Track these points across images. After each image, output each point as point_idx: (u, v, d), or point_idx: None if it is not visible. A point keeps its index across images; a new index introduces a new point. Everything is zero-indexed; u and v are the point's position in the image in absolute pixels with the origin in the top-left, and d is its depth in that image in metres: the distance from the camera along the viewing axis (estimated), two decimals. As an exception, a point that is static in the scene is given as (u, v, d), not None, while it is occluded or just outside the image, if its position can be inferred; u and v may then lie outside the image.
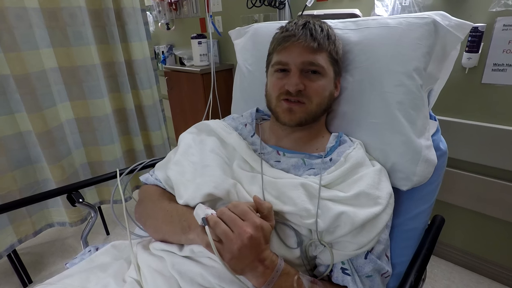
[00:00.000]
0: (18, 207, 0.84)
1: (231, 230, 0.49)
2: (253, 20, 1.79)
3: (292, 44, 0.65)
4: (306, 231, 0.58)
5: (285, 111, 0.67)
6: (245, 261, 0.50)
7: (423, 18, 0.67)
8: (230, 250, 0.48)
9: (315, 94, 0.66)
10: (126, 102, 1.54)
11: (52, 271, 1.52)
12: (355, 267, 0.57)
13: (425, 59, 0.67)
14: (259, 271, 0.51)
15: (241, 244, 0.48)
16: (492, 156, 1.14)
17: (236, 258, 0.49)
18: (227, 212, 0.51)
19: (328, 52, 0.66)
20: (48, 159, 1.30)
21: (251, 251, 0.49)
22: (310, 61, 0.64)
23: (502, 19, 1.01)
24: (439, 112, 1.22)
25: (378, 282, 0.59)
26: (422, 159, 0.64)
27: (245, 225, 0.49)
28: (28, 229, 1.35)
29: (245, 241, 0.48)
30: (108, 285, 0.59)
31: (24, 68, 1.17)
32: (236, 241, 0.48)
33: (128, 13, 1.45)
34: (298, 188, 0.59)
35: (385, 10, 1.23)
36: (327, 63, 0.66)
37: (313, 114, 0.67)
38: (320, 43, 0.64)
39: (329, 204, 0.57)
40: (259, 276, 0.51)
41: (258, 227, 0.50)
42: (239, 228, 0.49)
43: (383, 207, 0.57)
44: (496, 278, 1.30)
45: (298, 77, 0.64)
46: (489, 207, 1.21)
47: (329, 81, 0.68)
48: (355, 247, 0.55)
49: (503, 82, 1.07)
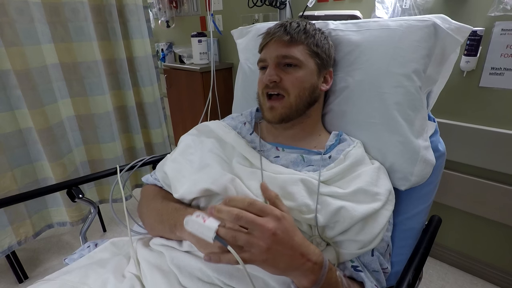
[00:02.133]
0: (17, 201, 0.84)
1: (251, 233, 0.44)
2: (253, 19, 1.80)
3: (269, 42, 0.70)
4: (306, 227, 0.59)
5: (267, 109, 0.70)
6: (282, 259, 0.45)
7: (423, 21, 0.68)
8: (259, 255, 0.44)
9: (291, 86, 0.67)
10: (127, 100, 1.54)
11: (48, 267, 1.51)
12: (363, 263, 0.59)
13: (424, 61, 0.68)
14: (307, 268, 0.47)
15: (268, 243, 0.43)
16: (488, 159, 1.16)
17: (270, 260, 0.44)
18: (245, 214, 0.44)
19: (306, 44, 0.68)
20: (49, 157, 1.29)
21: (283, 246, 0.45)
22: (283, 55, 0.67)
23: (501, 23, 1.03)
24: (437, 114, 1.23)
25: (383, 276, 0.61)
26: (420, 159, 0.65)
27: (266, 222, 0.44)
28: (28, 231, 1.33)
29: (270, 238, 0.43)
30: (108, 280, 0.59)
31: (25, 63, 1.16)
32: (261, 242, 0.43)
33: (130, 9, 1.44)
34: (297, 183, 0.60)
35: (385, 12, 1.24)
36: (304, 55, 0.68)
37: (295, 107, 0.68)
38: (292, 36, 0.67)
39: (329, 199, 0.58)
40: (309, 274, 0.48)
41: (280, 219, 0.45)
42: (261, 227, 0.43)
43: (382, 203, 0.58)
44: (489, 279, 1.31)
45: (273, 69, 0.67)
46: (484, 209, 1.22)
47: (308, 73, 0.68)
48: (359, 245, 0.57)
49: (501, 86, 1.08)
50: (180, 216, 0.60)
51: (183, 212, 0.61)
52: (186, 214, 0.59)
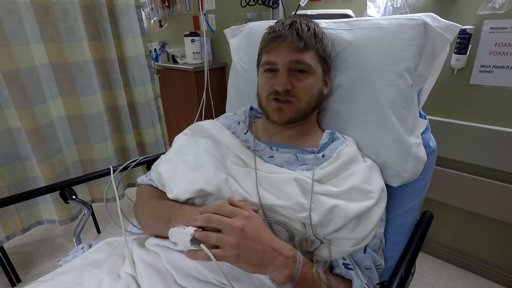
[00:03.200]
0: (9, 204, 0.82)
1: (223, 232, 0.49)
2: (246, 18, 1.79)
3: (279, 45, 0.66)
4: (300, 225, 0.59)
5: (274, 110, 0.68)
6: (254, 254, 0.49)
7: (413, 19, 0.69)
8: (230, 250, 0.48)
9: (303, 93, 0.67)
10: (118, 100, 1.53)
11: (41, 271, 1.49)
12: (355, 261, 0.59)
13: (415, 59, 0.68)
14: (279, 262, 0.50)
15: (237, 239, 0.48)
16: (479, 155, 1.18)
17: (242, 255, 0.48)
18: (213, 216, 0.51)
19: (315, 50, 0.67)
20: (38, 157, 1.28)
21: (252, 241, 0.49)
22: (297, 60, 0.65)
23: (489, 22, 1.04)
24: (428, 111, 1.24)
25: (375, 273, 0.61)
26: (412, 156, 0.66)
27: (233, 221, 0.49)
28: (16, 226, 1.34)
29: (239, 234, 0.48)
30: (103, 281, 0.59)
31: (13, 64, 1.15)
32: (231, 238, 0.48)
33: (121, 9, 1.43)
34: (291, 182, 0.60)
35: (377, 11, 1.25)
36: (314, 61, 0.67)
37: (303, 112, 0.69)
38: (306, 42, 0.65)
39: (322, 198, 0.58)
40: (282, 268, 0.50)
41: (248, 217, 0.51)
42: (229, 225, 0.49)
43: (375, 201, 0.59)
44: (482, 274, 1.34)
45: (286, 77, 0.65)
46: (476, 205, 1.24)
47: (317, 79, 0.69)
48: (352, 243, 0.57)
49: (490, 84, 1.10)
50: (175, 211, 0.61)
51: (178, 209, 0.62)
52: (182, 210, 0.61)
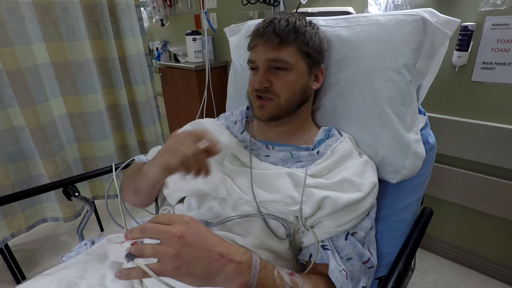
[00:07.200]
0: (13, 200, 0.84)
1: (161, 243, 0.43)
2: (247, 17, 1.80)
3: (258, 43, 0.66)
4: (293, 218, 0.60)
5: (257, 107, 0.69)
6: (197, 263, 0.42)
7: (412, 15, 0.69)
8: (169, 262, 0.41)
9: (282, 90, 0.66)
10: (119, 98, 1.54)
11: (46, 268, 1.50)
12: (336, 248, 0.58)
13: (414, 55, 0.68)
14: (230, 269, 0.43)
15: (175, 248, 0.41)
16: (481, 153, 1.17)
17: (183, 267, 0.41)
18: (148, 225, 0.44)
19: (296, 45, 0.65)
20: (41, 154, 1.29)
21: (194, 248, 0.42)
22: (273, 58, 0.65)
23: (491, 18, 1.04)
24: (429, 109, 1.24)
25: (357, 267, 0.58)
26: (411, 152, 0.66)
27: (171, 228, 0.43)
28: (20, 223, 1.35)
29: (178, 242, 0.42)
30: (106, 275, 0.60)
31: (17, 63, 1.17)
32: (168, 248, 0.41)
33: (122, 8, 1.44)
34: (283, 177, 0.61)
35: (378, 8, 1.25)
36: (294, 57, 0.65)
37: (284, 108, 0.68)
38: (282, 38, 0.64)
39: (314, 190, 0.58)
40: (234, 276, 0.43)
41: (188, 222, 0.45)
42: (167, 233, 0.42)
43: (364, 194, 0.58)
44: (483, 271, 1.33)
45: (263, 75, 0.66)
46: (477, 202, 1.24)
47: (299, 75, 0.67)
48: (334, 224, 0.57)
49: (492, 80, 1.09)
50: (148, 165, 0.61)
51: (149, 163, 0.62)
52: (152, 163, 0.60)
